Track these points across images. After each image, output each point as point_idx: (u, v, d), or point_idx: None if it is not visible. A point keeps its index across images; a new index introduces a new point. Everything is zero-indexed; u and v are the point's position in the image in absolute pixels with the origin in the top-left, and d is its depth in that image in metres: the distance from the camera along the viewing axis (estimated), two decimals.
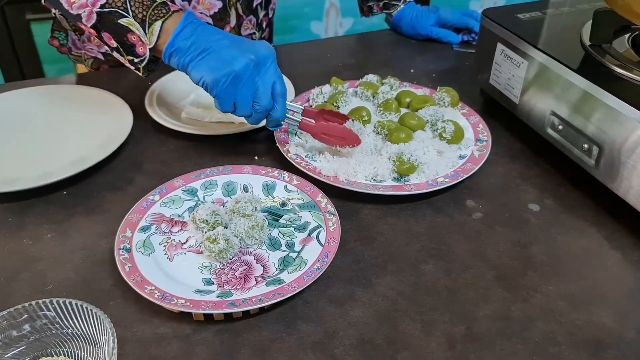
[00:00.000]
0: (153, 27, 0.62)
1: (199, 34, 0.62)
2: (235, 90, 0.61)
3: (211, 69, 0.61)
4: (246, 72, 0.61)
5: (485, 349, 0.50)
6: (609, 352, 0.50)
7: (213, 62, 0.61)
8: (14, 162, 0.70)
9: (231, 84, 0.61)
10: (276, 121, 0.66)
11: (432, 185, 0.64)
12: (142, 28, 0.62)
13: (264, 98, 0.63)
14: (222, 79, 0.60)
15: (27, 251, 0.59)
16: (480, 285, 0.56)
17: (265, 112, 0.64)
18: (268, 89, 0.63)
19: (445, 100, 0.77)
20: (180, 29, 0.62)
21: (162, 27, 0.62)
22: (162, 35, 0.62)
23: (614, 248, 0.60)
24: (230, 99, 0.62)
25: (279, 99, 0.64)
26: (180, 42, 0.62)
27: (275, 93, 0.64)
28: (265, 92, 0.63)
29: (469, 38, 1.02)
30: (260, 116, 0.65)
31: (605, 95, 0.60)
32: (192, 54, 0.62)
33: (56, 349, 0.47)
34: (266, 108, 0.63)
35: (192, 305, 0.50)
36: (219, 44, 0.61)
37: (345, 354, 0.49)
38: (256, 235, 0.57)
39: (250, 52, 0.61)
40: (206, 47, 0.61)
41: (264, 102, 0.63)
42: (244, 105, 0.63)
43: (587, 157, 0.64)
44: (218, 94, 0.61)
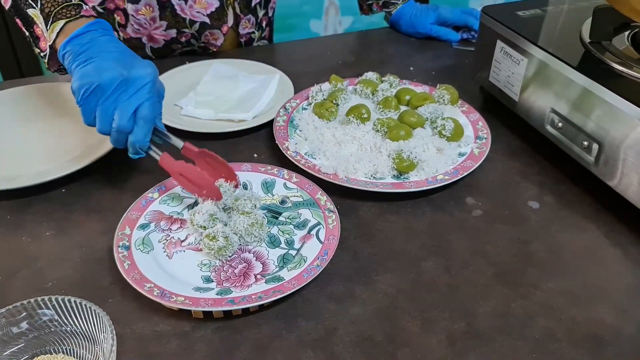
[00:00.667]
0: (55, 25, 0.61)
1: (95, 43, 0.60)
2: (96, 103, 0.58)
3: (81, 76, 0.58)
4: (111, 86, 0.57)
5: (485, 346, 0.50)
6: (609, 349, 0.50)
7: (88, 69, 0.58)
8: (12, 160, 0.70)
9: (92, 94, 0.58)
10: (134, 147, 0.60)
11: (431, 183, 0.64)
12: (44, 23, 0.61)
13: (123, 117, 0.58)
14: (84, 87, 0.57)
15: (26, 249, 0.59)
16: (480, 282, 0.56)
17: (122, 133, 0.59)
18: (130, 109, 0.58)
19: (445, 97, 0.77)
20: (78, 33, 0.60)
21: (63, 27, 0.61)
22: (61, 34, 0.61)
23: (613, 245, 0.60)
24: (90, 111, 0.59)
25: (140, 122, 0.59)
26: (74, 45, 0.60)
27: (138, 116, 0.59)
28: (125, 111, 0.58)
29: (469, 36, 1.02)
30: (117, 136, 0.60)
31: (605, 93, 0.60)
32: (79, 61, 0.59)
33: (55, 346, 0.47)
34: (122, 129, 0.59)
35: (192, 302, 0.50)
36: (105, 55, 0.59)
37: (345, 351, 0.49)
38: (256, 232, 0.57)
39: (124, 67, 0.58)
40: (93, 55, 0.59)
41: (121, 122, 0.58)
42: (102, 120, 0.59)
43: (586, 154, 0.64)
44: (79, 102, 0.59)
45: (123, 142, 0.60)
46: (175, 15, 0.88)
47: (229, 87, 0.83)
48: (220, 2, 0.89)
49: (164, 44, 0.92)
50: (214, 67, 0.87)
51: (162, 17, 0.88)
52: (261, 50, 1.00)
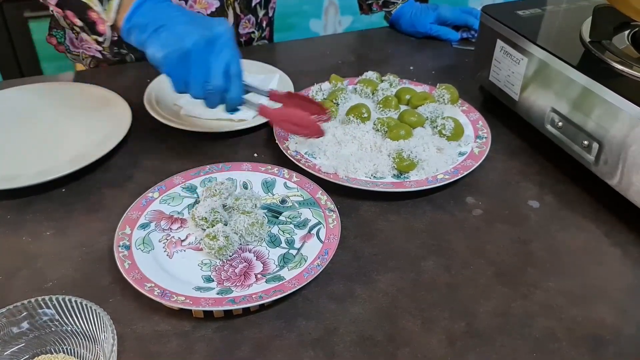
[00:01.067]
0: (111, 3, 0.60)
1: (158, 10, 0.59)
2: (186, 69, 0.58)
3: (162, 44, 0.57)
4: (197, 49, 0.57)
5: (485, 345, 0.50)
6: (609, 348, 0.50)
7: (166, 38, 0.58)
8: (12, 159, 0.70)
9: (181, 61, 0.57)
10: (232, 104, 0.61)
11: (432, 182, 0.64)
12: (99, 3, 0.60)
13: (217, 77, 0.58)
14: (171, 55, 0.57)
15: (26, 248, 0.59)
16: (480, 282, 0.56)
17: (218, 93, 0.60)
18: (221, 68, 0.59)
19: (445, 97, 0.77)
20: (138, 4, 0.59)
21: (120, 2, 0.60)
22: (120, 11, 0.60)
23: (613, 244, 0.60)
24: (181, 78, 0.59)
25: (234, 79, 0.60)
26: (137, 18, 0.59)
27: (230, 73, 0.59)
28: (217, 71, 0.58)
29: (469, 35, 1.02)
30: (214, 98, 0.60)
31: (605, 92, 0.60)
32: (149, 31, 0.58)
33: (55, 346, 0.47)
34: (219, 89, 0.59)
35: (192, 302, 0.50)
36: (175, 20, 0.58)
37: (345, 350, 0.49)
38: (256, 232, 0.57)
39: (204, 28, 0.58)
40: (163, 23, 0.58)
41: (217, 82, 0.59)
42: (195, 85, 0.59)
43: (587, 154, 0.64)
44: (168, 71, 0.58)
45: (218, 101, 0.61)
46: None
47: None
48: (221, 2, 0.89)
49: None
50: None
51: None
52: (261, 49, 1.00)
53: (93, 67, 0.95)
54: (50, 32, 0.93)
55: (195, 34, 0.57)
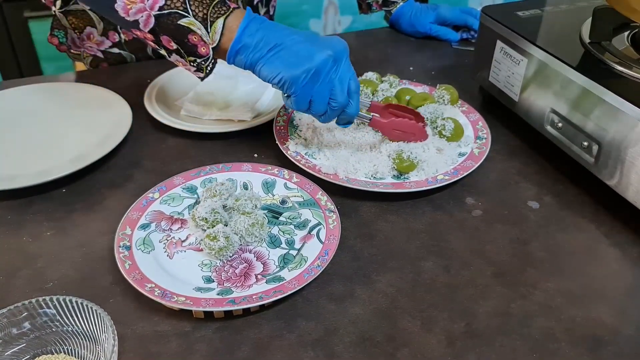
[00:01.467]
0: (215, 25, 0.60)
1: (266, 29, 0.60)
2: (313, 87, 0.60)
3: (288, 65, 0.59)
4: (325, 68, 0.59)
5: (484, 346, 0.50)
6: (608, 349, 0.50)
7: (289, 58, 0.59)
8: (13, 159, 0.70)
9: (310, 80, 0.59)
10: (349, 118, 0.64)
11: (431, 183, 0.64)
12: (204, 27, 0.60)
13: (341, 95, 0.61)
14: (302, 76, 0.58)
15: (26, 248, 0.59)
16: (480, 282, 0.56)
17: (340, 109, 0.62)
18: (345, 86, 0.61)
19: (445, 97, 0.77)
20: (245, 24, 0.60)
21: (224, 24, 0.60)
22: (225, 32, 0.60)
23: (612, 245, 0.60)
24: (307, 97, 0.60)
25: (355, 95, 0.63)
26: (247, 38, 0.60)
27: (351, 90, 0.62)
28: (342, 89, 0.61)
29: (468, 36, 1.02)
30: (334, 114, 0.63)
31: (605, 93, 0.60)
32: (262, 50, 0.59)
33: (56, 346, 0.47)
34: (342, 105, 0.62)
35: (193, 302, 0.50)
36: (291, 39, 0.60)
37: (345, 351, 0.49)
38: (256, 232, 0.57)
39: (327, 47, 0.59)
40: (278, 42, 0.59)
41: (341, 99, 0.61)
42: (320, 102, 0.61)
43: (586, 155, 0.64)
44: (296, 91, 0.59)
45: (335, 117, 0.64)
46: None
47: (229, 87, 0.83)
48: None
49: None
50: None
51: None
52: None
53: (93, 66, 0.95)
54: (52, 32, 0.93)
55: (321, 53, 0.59)
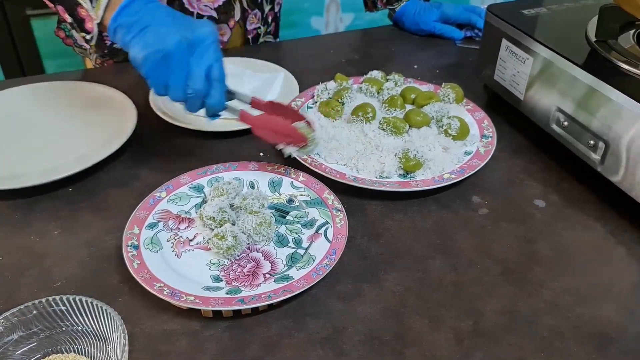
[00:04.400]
0: (100, 1, 0.59)
1: (147, 10, 0.58)
2: (166, 71, 0.56)
3: (143, 46, 0.56)
4: (179, 51, 0.56)
5: (492, 344, 0.50)
6: (615, 347, 0.50)
7: (148, 39, 0.56)
8: (19, 158, 0.70)
9: (161, 62, 0.56)
10: (213, 109, 0.60)
11: (438, 182, 0.64)
12: (89, 1, 0.59)
13: (197, 81, 0.57)
14: (151, 56, 0.55)
15: (33, 247, 0.59)
16: (487, 281, 0.56)
17: (199, 97, 0.58)
18: (202, 72, 0.57)
19: (450, 96, 0.77)
20: (127, 3, 0.58)
21: (109, 1, 0.58)
22: (109, 9, 0.58)
23: (618, 243, 0.60)
24: (161, 80, 0.57)
25: (215, 84, 0.58)
26: (124, 17, 0.58)
27: (212, 77, 0.58)
28: (199, 75, 0.57)
29: (472, 34, 1.02)
30: (194, 102, 0.59)
31: (611, 91, 0.60)
32: (135, 31, 0.57)
33: (67, 345, 0.48)
34: (200, 92, 0.58)
35: (202, 302, 0.50)
36: (160, 21, 0.57)
37: (353, 349, 0.49)
38: (264, 231, 0.57)
39: (186, 30, 0.56)
40: (148, 24, 0.57)
41: (197, 86, 0.57)
42: (175, 87, 0.57)
43: (592, 153, 0.64)
44: (147, 72, 0.57)
45: (198, 106, 0.60)
46: (183, 10, 0.88)
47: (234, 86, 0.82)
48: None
49: None
50: None
51: None
52: (265, 48, 1.00)
53: (99, 63, 0.95)
54: (58, 26, 0.93)
55: (177, 35, 0.56)
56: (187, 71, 0.57)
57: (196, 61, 0.57)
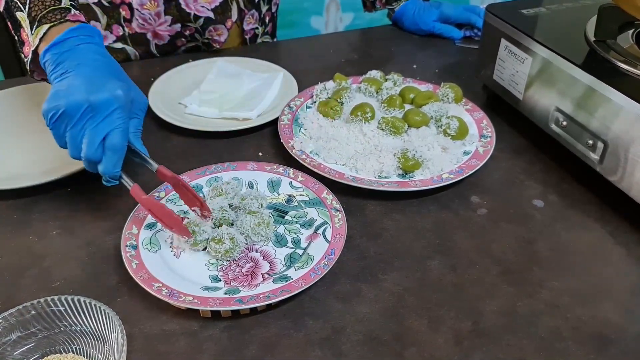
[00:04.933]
0: (39, 30, 0.57)
1: (77, 51, 0.56)
2: (64, 128, 0.54)
3: (51, 96, 0.54)
4: (77, 113, 0.53)
5: (491, 345, 0.50)
6: (615, 347, 0.50)
7: (59, 88, 0.54)
8: (18, 158, 0.70)
9: (60, 119, 0.54)
10: (105, 176, 0.56)
11: (437, 182, 0.64)
12: (30, 27, 0.58)
13: (90, 147, 0.54)
14: (50, 111, 0.54)
15: (33, 248, 0.59)
16: (486, 281, 0.56)
17: (89, 161, 0.55)
18: (97, 139, 0.54)
19: (449, 96, 0.77)
20: (58, 40, 0.56)
21: (46, 32, 0.57)
22: (43, 40, 0.57)
23: (618, 243, 0.60)
24: (61, 136, 0.55)
25: (109, 152, 0.55)
26: (53, 54, 0.56)
27: (106, 146, 0.55)
28: (91, 142, 0.54)
29: (472, 33, 1.02)
30: (88, 165, 0.56)
31: (610, 91, 0.60)
32: (57, 73, 0.56)
33: (65, 346, 0.48)
34: (90, 159, 0.55)
35: (200, 302, 0.50)
36: (78, 71, 0.55)
37: (352, 350, 0.49)
38: (262, 232, 0.57)
39: (92, 91, 0.53)
40: (69, 69, 0.55)
41: (89, 152, 0.54)
42: (72, 146, 0.55)
43: (591, 153, 0.64)
44: (48, 125, 0.55)
45: (93, 169, 0.57)
46: (179, 10, 0.88)
47: (233, 86, 0.83)
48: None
49: (168, 40, 0.92)
50: (218, 65, 0.87)
51: (167, 11, 0.88)
52: (264, 48, 1.00)
53: None
54: None
55: (80, 95, 0.53)
56: (82, 135, 0.55)
57: (94, 126, 0.54)
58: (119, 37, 0.91)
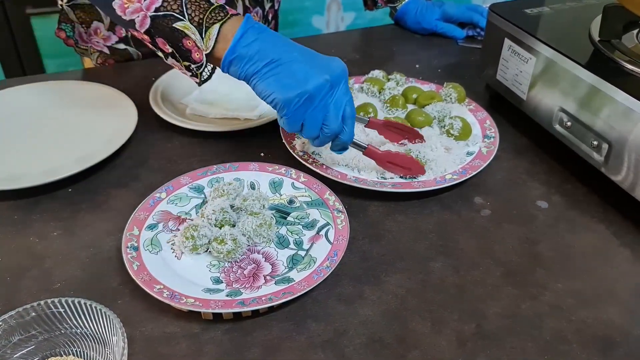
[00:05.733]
0: (210, 31, 0.57)
1: (264, 40, 0.57)
2: (305, 111, 0.57)
3: (283, 86, 0.56)
4: (320, 93, 0.57)
5: (495, 347, 0.50)
6: (619, 350, 0.49)
7: (284, 78, 0.56)
8: (19, 159, 0.70)
9: (303, 104, 0.57)
10: (343, 144, 0.62)
11: (440, 183, 0.64)
12: (198, 32, 0.57)
13: (335, 121, 0.59)
14: (294, 99, 0.56)
15: (33, 249, 0.59)
16: (489, 283, 0.55)
17: (333, 135, 0.60)
18: (339, 112, 0.59)
19: (452, 96, 0.76)
20: (241, 34, 0.57)
21: (219, 31, 0.57)
22: (220, 39, 0.57)
23: (622, 245, 0.60)
24: (299, 120, 0.58)
25: (349, 121, 0.60)
26: (242, 48, 0.57)
27: (345, 116, 0.60)
28: (336, 115, 0.59)
29: (474, 33, 1.01)
30: (327, 139, 0.61)
31: (615, 91, 0.60)
32: (257, 65, 0.57)
33: (65, 348, 0.47)
34: (335, 132, 0.60)
35: (202, 304, 0.50)
36: (289, 56, 0.57)
37: (355, 353, 0.49)
38: (264, 233, 0.57)
39: (325, 71, 0.57)
40: (274, 58, 0.57)
41: (334, 126, 0.59)
42: (312, 127, 0.59)
43: (596, 154, 0.63)
44: (288, 114, 0.57)
45: (328, 142, 0.62)
46: None
47: (234, 86, 0.82)
48: None
49: None
50: None
51: None
52: None
53: (100, 63, 0.94)
54: (59, 26, 0.93)
55: (318, 77, 0.56)
56: (326, 111, 0.58)
57: (334, 102, 0.58)
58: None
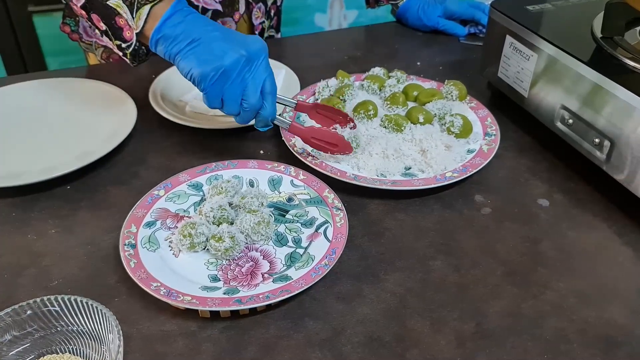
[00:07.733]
0: (141, 11, 0.59)
1: (189, 22, 0.60)
2: (223, 87, 0.59)
3: (200, 61, 0.58)
4: (236, 68, 0.58)
5: (495, 347, 0.49)
6: (622, 349, 0.49)
7: (202, 54, 0.58)
8: (17, 156, 0.70)
9: (219, 79, 0.58)
10: (265, 121, 0.63)
11: (440, 180, 0.63)
12: (129, 11, 0.60)
13: (253, 96, 0.60)
14: (210, 73, 0.58)
15: (31, 246, 0.59)
16: (490, 282, 0.55)
17: (253, 111, 0.61)
18: (258, 87, 0.60)
19: (453, 93, 0.76)
20: (169, 14, 0.59)
21: (150, 11, 0.59)
22: (149, 20, 0.59)
23: (624, 244, 0.59)
24: (217, 95, 0.60)
25: (269, 97, 0.61)
26: (168, 28, 0.59)
27: (265, 91, 0.61)
28: (254, 90, 0.60)
29: (476, 30, 1.01)
30: (248, 115, 0.62)
31: (617, 88, 0.59)
32: (181, 44, 0.59)
33: (61, 346, 0.47)
34: (255, 107, 0.61)
35: (199, 302, 0.49)
36: (210, 36, 0.59)
37: (353, 351, 0.48)
38: (262, 231, 0.56)
39: (241, 46, 0.58)
40: (196, 37, 0.59)
41: (253, 101, 0.60)
42: (231, 102, 0.60)
43: (598, 152, 0.63)
44: (205, 88, 0.59)
45: (251, 118, 0.63)
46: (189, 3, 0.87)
47: None
48: None
49: None
50: None
51: None
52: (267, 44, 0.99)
53: (105, 58, 0.94)
54: (63, 21, 0.93)
55: (234, 52, 0.58)
56: (244, 86, 0.60)
57: (252, 77, 0.60)
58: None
